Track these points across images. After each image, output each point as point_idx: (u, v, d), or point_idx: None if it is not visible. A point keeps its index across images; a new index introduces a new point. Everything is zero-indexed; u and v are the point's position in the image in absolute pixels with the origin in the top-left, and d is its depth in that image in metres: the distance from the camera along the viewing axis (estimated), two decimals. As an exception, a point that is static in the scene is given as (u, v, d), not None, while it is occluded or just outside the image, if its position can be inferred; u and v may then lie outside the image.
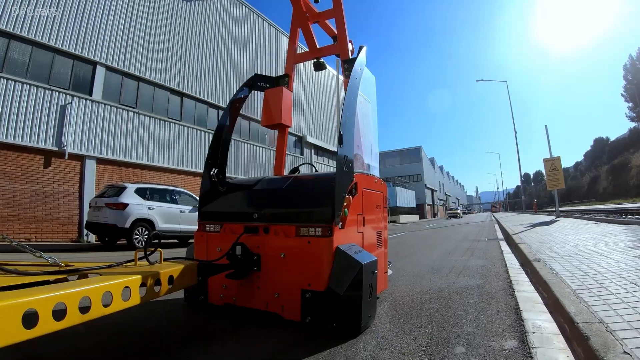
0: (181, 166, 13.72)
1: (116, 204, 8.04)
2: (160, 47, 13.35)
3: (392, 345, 1.81)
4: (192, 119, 14.56)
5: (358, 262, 1.94)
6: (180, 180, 13.43)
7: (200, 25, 15.27)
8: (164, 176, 13.03)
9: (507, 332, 1.96)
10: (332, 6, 3.42)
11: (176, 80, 13.91)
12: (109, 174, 11.29)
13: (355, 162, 2.41)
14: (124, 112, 11.85)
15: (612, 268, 2.98)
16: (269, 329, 2.09)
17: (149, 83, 12.91)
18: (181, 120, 14.01)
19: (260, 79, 3.36)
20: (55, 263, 1.83)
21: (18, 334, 1.01)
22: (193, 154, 14.21)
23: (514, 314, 2.29)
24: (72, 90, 10.49)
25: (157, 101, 13.24)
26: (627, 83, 53.11)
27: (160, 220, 8.65)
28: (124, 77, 12.08)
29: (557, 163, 13.74)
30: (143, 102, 12.66)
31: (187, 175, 13.91)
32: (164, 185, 9.78)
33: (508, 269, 4.04)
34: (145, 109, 12.66)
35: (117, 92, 11.84)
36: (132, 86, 12.38)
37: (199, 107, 14.94)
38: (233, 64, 16.82)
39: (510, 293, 2.88)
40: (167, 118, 13.46)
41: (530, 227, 9.47)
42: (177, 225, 9.00)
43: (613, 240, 4.88)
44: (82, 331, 1.81)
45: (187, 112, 14.38)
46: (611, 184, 50.67)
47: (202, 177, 2.78)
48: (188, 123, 14.26)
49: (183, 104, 14.24)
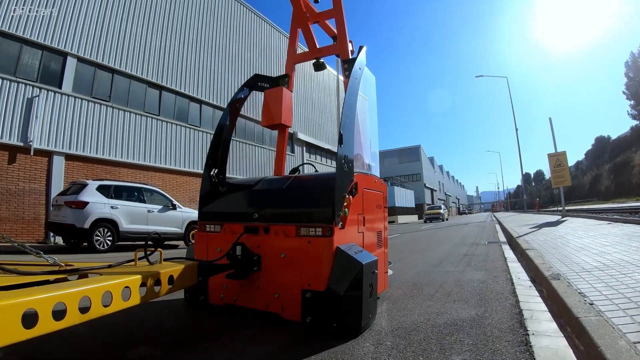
0: (159, 163, 12.93)
1: (75, 202, 7.38)
2: (138, 38, 12.57)
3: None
4: (171, 113, 13.77)
5: (358, 262, 1.94)
6: (158, 178, 12.79)
7: (183, 15, 14.65)
8: (141, 174, 12.24)
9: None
10: (332, 6, 3.42)
11: (154, 73, 13.08)
12: (78, 171, 10.60)
13: (356, 162, 2.41)
14: (96, 106, 11.14)
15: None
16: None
17: (124, 75, 12.12)
18: (159, 115, 13.19)
19: (260, 79, 3.37)
20: (55, 263, 1.83)
21: (18, 334, 1.01)
22: (172, 150, 13.49)
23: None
24: (40, 82, 9.88)
25: (134, 94, 12.46)
26: (629, 80, 52.32)
27: (125, 220, 8.00)
28: (97, 68, 11.35)
29: (563, 158, 12.66)
30: (117, 95, 11.92)
31: (165, 173, 13.22)
32: (132, 183, 9.19)
33: (515, 288, 3.03)
34: (119, 103, 11.89)
35: (89, 84, 11.13)
36: (105, 78, 11.65)
37: (179, 101, 14.18)
38: (218, 57, 16.12)
39: (523, 339, 1.80)
40: (144, 112, 12.65)
41: (535, 228, 8.50)
42: (144, 226, 8.35)
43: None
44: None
45: (166, 107, 13.60)
46: (613, 183, 50.34)
47: (202, 178, 2.79)
48: (167, 118, 13.50)
49: (162, 97, 13.45)
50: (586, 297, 2.14)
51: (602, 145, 65.56)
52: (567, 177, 12.72)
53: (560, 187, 13.26)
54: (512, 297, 2.74)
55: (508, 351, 1.66)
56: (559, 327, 1.99)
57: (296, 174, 3.00)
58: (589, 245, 4.44)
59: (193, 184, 14.11)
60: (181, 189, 13.72)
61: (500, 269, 4.03)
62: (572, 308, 1.93)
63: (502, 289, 3.01)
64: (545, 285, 2.78)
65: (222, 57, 16.36)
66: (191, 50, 14.78)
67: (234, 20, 17.49)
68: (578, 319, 1.74)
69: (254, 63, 18.20)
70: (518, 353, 1.63)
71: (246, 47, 17.88)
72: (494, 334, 1.91)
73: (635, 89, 50.61)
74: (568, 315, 1.92)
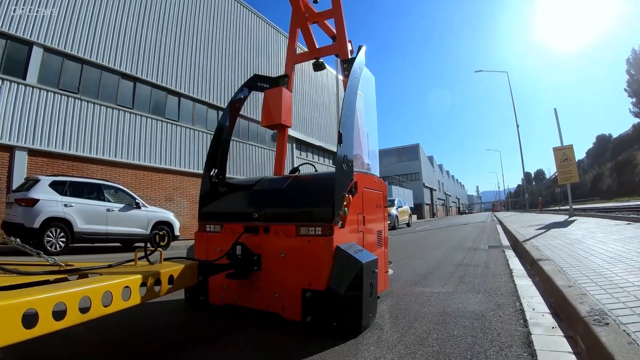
0: (132, 160, 12.04)
1: (25, 199, 6.78)
2: (111, 26, 11.79)
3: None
4: (147, 106, 12.87)
5: (358, 261, 1.94)
6: (131, 175, 12.01)
7: (163, 4, 13.79)
8: (111, 171, 11.48)
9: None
10: (331, 6, 3.42)
11: (129, 63, 12.27)
12: (42, 168, 9.89)
13: (355, 161, 2.41)
14: (63, 98, 10.44)
15: None
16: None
17: (95, 66, 11.36)
18: (133, 108, 12.36)
19: (259, 79, 3.37)
20: (56, 263, 1.83)
21: (18, 334, 1.01)
22: (147, 146, 12.59)
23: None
24: (3, 73, 9.34)
25: (105, 86, 11.70)
26: (630, 78, 51.80)
27: (81, 220, 7.36)
28: (65, 58, 10.63)
29: (570, 152, 11.57)
30: (87, 87, 11.15)
31: (139, 170, 12.28)
32: (91, 179, 8.48)
33: (531, 332, 1.86)
34: (89, 95, 11.16)
35: (56, 75, 10.42)
36: (74, 69, 10.91)
37: (156, 93, 13.25)
38: (202, 48, 15.35)
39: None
40: (117, 105, 11.89)
41: (543, 230, 7.40)
42: (102, 226, 7.72)
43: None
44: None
45: (141, 99, 12.71)
46: (615, 182, 49.79)
47: (202, 178, 2.79)
48: (142, 111, 12.62)
49: (136, 90, 12.57)
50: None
51: (603, 143, 65.38)
52: (575, 173, 11.62)
53: (567, 184, 12.16)
54: (527, 355, 1.57)
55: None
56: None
57: (296, 174, 3.01)
58: (622, 255, 3.32)
59: (170, 181, 13.38)
60: (157, 187, 12.90)
61: (505, 291, 2.86)
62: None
63: (510, 334, 1.84)
64: (587, 337, 1.54)
65: (205, 49, 15.60)
66: (169, 40, 13.90)
67: (227, 16, 17.17)
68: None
69: (246, 59, 17.80)
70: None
71: (233, 39, 17.21)
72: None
73: (637, 86, 50.09)
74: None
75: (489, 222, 18.91)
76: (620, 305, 1.84)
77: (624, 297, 1.97)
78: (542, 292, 2.78)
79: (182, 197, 13.73)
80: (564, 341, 1.73)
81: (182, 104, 14.44)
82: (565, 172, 11.67)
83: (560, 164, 11.71)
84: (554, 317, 2.12)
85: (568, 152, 11.67)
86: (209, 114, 15.53)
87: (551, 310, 2.27)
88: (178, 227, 9.43)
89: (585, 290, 2.21)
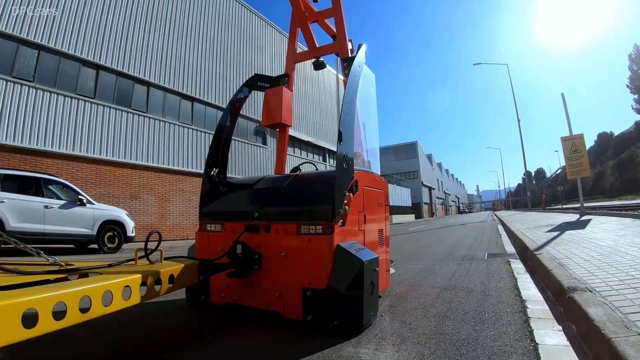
0: (92, 154, 10.90)
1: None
2: (72, 11, 10.74)
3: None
4: (110, 96, 11.68)
5: (359, 260, 1.93)
6: (91, 171, 10.88)
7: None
8: (70, 165, 10.47)
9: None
10: (331, 5, 3.42)
11: (91, 50, 11.03)
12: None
13: (356, 159, 2.41)
14: (16, 87, 9.49)
15: None
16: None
17: (53, 52, 10.25)
18: (95, 98, 11.21)
19: (260, 78, 3.37)
20: (56, 262, 1.83)
21: (18, 334, 1.01)
22: (110, 139, 11.45)
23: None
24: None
25: (65, 74, 10.57)
26: (632, 74, 50.89)
27: (13, 217, 6.60)
28: (20, 45, 9.63)
29: (580, 143, 10.06)
30: (44, 75, 10.07)
31: (100, 165, 11.16)
32: (28, 172, 7.57)
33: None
34: (46, 84, 9.96)
35: (9, 62, 9.51)
36: (30, 56, 9.80)
37: (121, 82, 12.11)
38: (171, 34, 14.08)
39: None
40: (76, 95, 10.69)
41: (556, 232, 6.02)
42: (39, 225, 6.90)
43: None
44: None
45: (104, 89, 11.49)
46: (618, 180, 49.18)
47: (202, 178, 2.79)
48: (105, 101, 11.46)
49: (99, 78, 11.39)
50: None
51: (605, 141, 65.05)
52: (586, 166, 10.07)
53: (577, 179, 10.60)
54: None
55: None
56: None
57: (296, 173, 3.00)
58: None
59: (136, 177, 12.11)
60: (121, 184, 11.74)
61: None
62: None
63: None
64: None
65: (191, 42, 14.85)
66: (138, 26, 12.72)
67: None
68: None
69: (237, 56, 17.26)
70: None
71: (226, 35, 16.63)
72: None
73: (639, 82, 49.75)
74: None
75: (489, 221, 18.12)
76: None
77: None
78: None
79: (149, 194, 12.48)
80: None
81: (152, 94, 13.10)
82: (575, 165, 10.14)
83: (570, 156, 10.20)
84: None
85: (578, 142, 10.11)
86: (182, 105, 14.30)
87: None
88: (132, 227, 8.50)
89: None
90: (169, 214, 13.12)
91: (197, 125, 14.78)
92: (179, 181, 13.65)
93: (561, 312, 2.13)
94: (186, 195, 13.91)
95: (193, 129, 14.54)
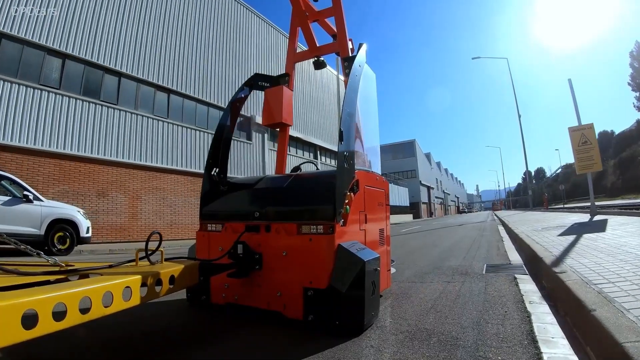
0: (54, 148, 10.12)
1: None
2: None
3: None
4: (77, 87, 10.92)
5: (360, 260, 1.93)
6: (54, 166, 10.14)
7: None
8: (30, 161, 9.84)
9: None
10: (331, 5, 3.41)
11: (57, 38, 10.37)
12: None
13: (357, 159, 2.41)
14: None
15: None
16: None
17: (17, 41, 9.63)
18: (60, 89, 10.51)
19: (260, 78, 3.37)
20: (56, 263, 1.82)
21: (18, 335, 1.00)
22: (76, 132, 10.67)
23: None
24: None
25: (25, 63, 9.94)
26: (634, 71, 50.25)
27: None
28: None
29: (590, 134, 8.99)
30: (3, 64, 9.46)
31: (64, 160, 10.38)
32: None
33: None
34: (6, 73, 9.45)
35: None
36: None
37: (90, 72, 11.32)
38: (156, 27, 13.42)
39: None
40: (40, 85, 10.08)
41: (571, 235, 5.00)
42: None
43: None
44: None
45: (70, 78, 10.77)
46: (620, 179, 48.65)
47: (203, 177, 2.79)
48: (71, 92, 10.67)
49: (65, 67, 10.65)
50: None
51: (606, 140, 64.76)
52: (597, 159, 8.98)
53: (588, 174, 9.33)
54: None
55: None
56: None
57: (297, 172, 3.00)
58: None
59: (104, 174, 11.33)
60: (87, 180, 10.91)
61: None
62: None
63: None
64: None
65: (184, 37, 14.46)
66: (107, 12, 11.95)
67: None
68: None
69: (234, 53, 16.91)
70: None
71: (211, 24, 16.05)
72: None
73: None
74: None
75: (488, 222, 17.35)
76: None
77: None
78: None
79: (119, 192, 11.69)
80: None
81: (124, 85, 12.27)
82: (585, 158, 9.01)
83: (578, 148, 9.07)
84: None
85: (587, 133, 9.01)
86: (158, 96, 13.41)
87: None
88: (86, 226, 7.77)
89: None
90: (140, 213, 12.20)
91: (174, 119, 13.87)
92: (152, 178, 12.74)
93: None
94: (160, 193, 12.96)
95: (169, 122, 13.61)
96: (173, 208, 13.34)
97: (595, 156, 8.95)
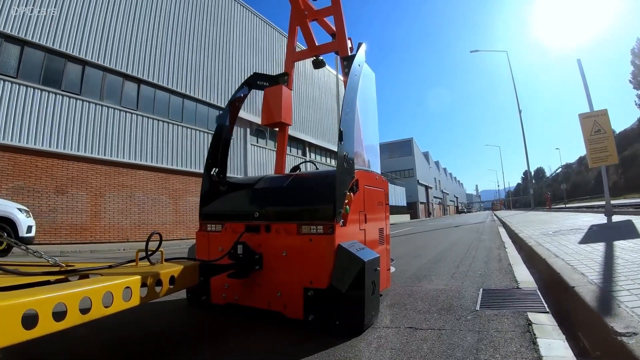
0: (8, 140, 9.33)
1: None
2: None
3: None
4: (37, 76, 10.17)
5: (360, 260, 1.93)
6: (7, 160, 9.41)
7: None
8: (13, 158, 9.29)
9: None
10: (330, 4, 3.41)
11: (16, 23, 9.60)
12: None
13: (356, 158, 2.40)
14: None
15: None
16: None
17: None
18: (17, 78, 9.69)
19: (259, 77, 3.36)
20: (56, 263, 1.82)
21: (18, 335, 1.00)
22: (33, 124, 9.85)
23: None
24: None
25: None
26: (635, 69, 49.48)
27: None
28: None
29: (604, 121, 7.47)
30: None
31: (19, 154, 9.62)
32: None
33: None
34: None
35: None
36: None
37: (51, 60, 10.55)
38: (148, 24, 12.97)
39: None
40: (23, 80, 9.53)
41: (597, 243, 3.87)
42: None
43: None
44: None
45: (28, 66, 9.97)
46: (622, 178, 48.23)
47: (202, 177, 2.78)
48: (30, 81, 9.89)
49: (23, 54, 9.94)
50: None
51: (606, 139, 64.16)
52: (612, 151, 7.42)
53: (602, 168, 7.76)
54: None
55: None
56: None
57: (297, 172, 2.99)
58: None
59: (63, 169, 10.43)
60: (44, 176, 10.07)
61: None
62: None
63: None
64: None
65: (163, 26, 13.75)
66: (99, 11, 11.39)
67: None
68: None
69: (201, 34, 15.92)
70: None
71: (189, 10, 15.29)
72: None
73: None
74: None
75: (488, 222, 16.21)
76: None
77: None
78: None
79: (80, 189, 10.82)
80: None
81: (88, 73, 11.39)
82: (598, 149, 7.49)
83: (591, 138, 7.55)
84: None
85: (601, 120, 7.52)
86: (126, 87, 12.45)
87: None
88: (27, 226, 6.98)
89: None
90: (104, 212, 11.29)
91: (145, 111, 12.80)
92: (117, 174, 11.78)
93: None
94: (127, 191, 12.00)
95: (139, 114, 12.57)
96: (141, 207, 12.36)
97: (609, 147, 7.38)
